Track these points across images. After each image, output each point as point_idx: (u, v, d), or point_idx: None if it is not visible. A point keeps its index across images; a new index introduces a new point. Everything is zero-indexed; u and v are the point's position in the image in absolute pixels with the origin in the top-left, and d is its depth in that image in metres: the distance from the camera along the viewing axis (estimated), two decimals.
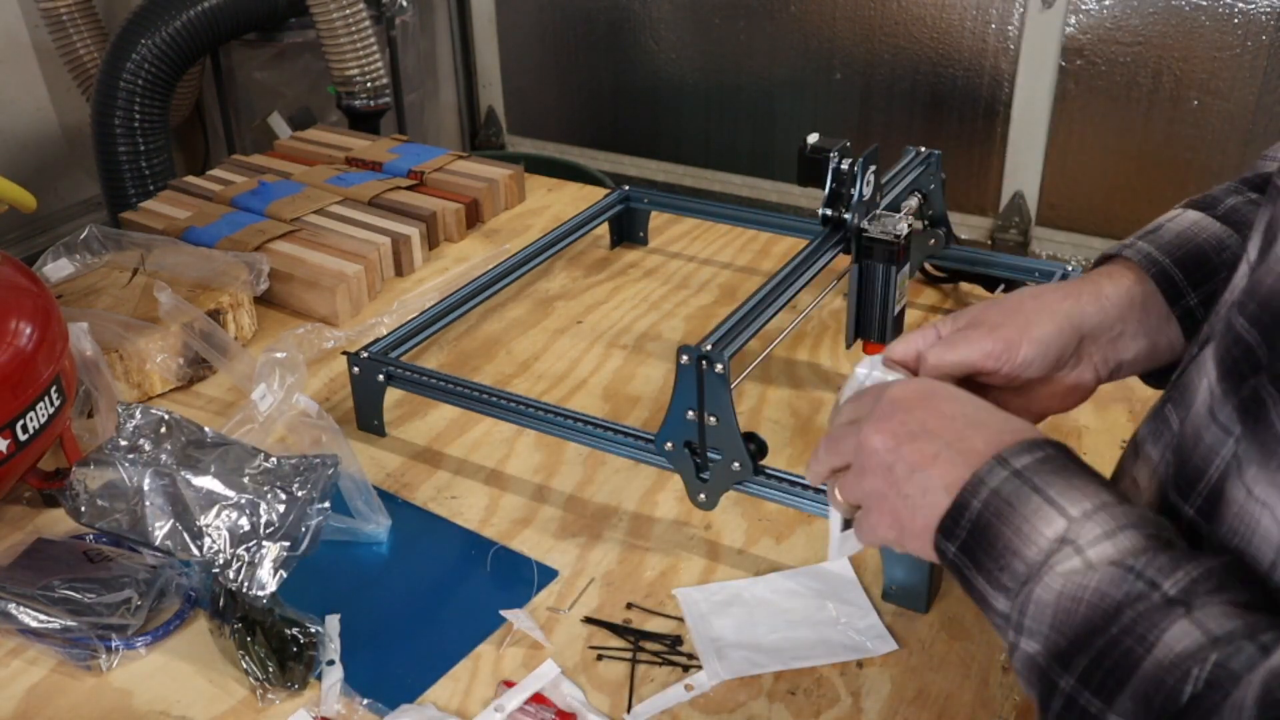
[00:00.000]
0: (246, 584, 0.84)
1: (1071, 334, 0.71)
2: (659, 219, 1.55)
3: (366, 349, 1.12)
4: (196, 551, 0.86)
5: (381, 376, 1.11)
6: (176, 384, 1.21)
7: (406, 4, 2.77)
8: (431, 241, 1.51)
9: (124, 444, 0.90)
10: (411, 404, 1.17)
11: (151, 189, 2.31)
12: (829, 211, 1.14)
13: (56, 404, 0.97)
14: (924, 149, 1.28)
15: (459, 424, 1.14)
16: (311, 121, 2.65)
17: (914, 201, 1.21)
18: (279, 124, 2.72)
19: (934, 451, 0.61)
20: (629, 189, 1.50)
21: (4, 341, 0.92)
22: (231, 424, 1.07)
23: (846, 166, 1.12)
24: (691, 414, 0.93)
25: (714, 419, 0.92)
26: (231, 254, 1.34)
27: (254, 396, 1.09)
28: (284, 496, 0.87)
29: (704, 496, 0.97)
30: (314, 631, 0.85)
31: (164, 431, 0.92)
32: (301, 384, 1.11)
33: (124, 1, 2.64)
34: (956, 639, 0.87)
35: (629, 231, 1.52)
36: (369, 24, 2.44)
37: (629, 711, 0.81)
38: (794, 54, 2.78)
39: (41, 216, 2.66)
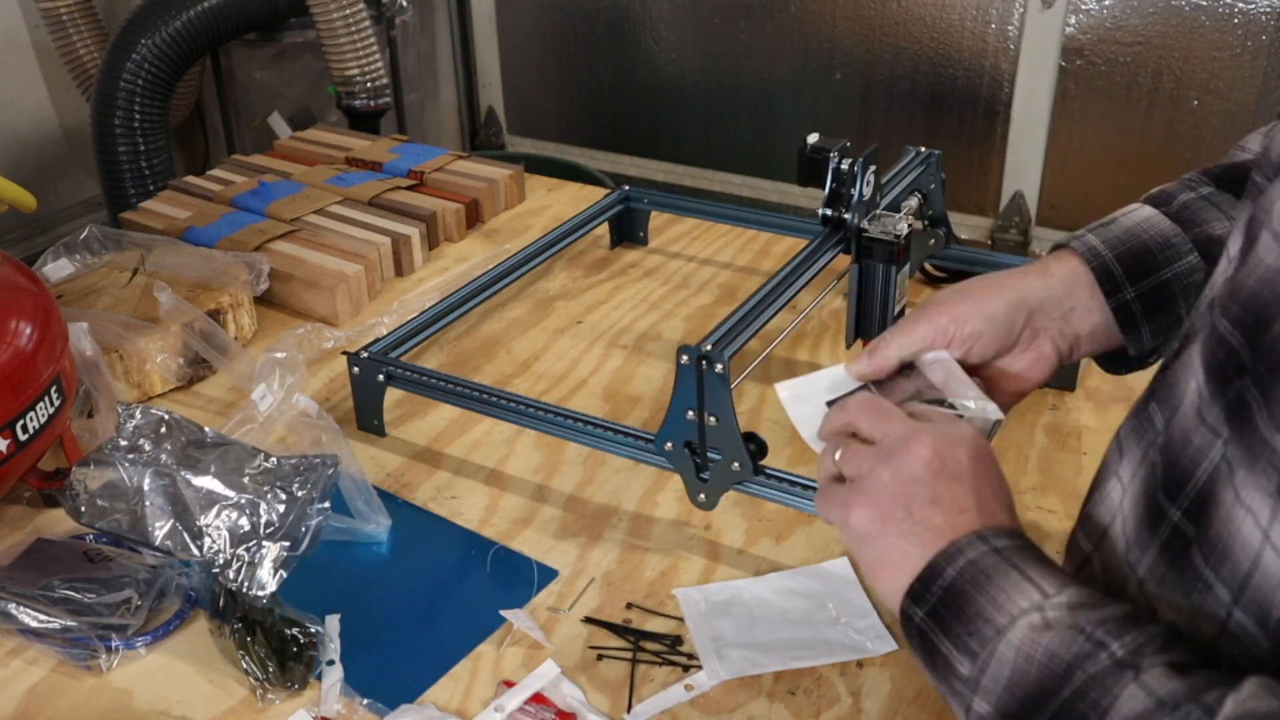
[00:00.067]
0: (246, 584, 0.84)
1: (1019, 306, 0.74)
2: (659, 219, 1.55)
3: (366, 349, 1.12)
4: (196, 551, 0.86)
5: (381, 376, 1.11)
6: (176, 384, 1.21)
7: (406, 4, 2.77)
8: (431, 241, 1.51)
9: (124, 444, 0.90)
10: (411, 404, 1.17)
11: (151, 189, 2.31)
12: (829, 211, 1.14)
13: (56, 404, 0.97)
14: (924, 149, 1.28)
15: (459, 424, 1.14)
16: (311, 121, 2.65)
17: (914, 201, 1.20)
18: (279, 124, 2.72)
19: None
20: (629, 189, 1.50)
21: (4, 341, 0.92)
22: (231, 424, 1.07)
23: (846, 166, 1.12)
24: (691, 414, 0.93)
25: (714, 419, 0.92)
26: (231, 254, 1.34)
27: (254, 396, 1.09)
28: (284, 496, 0.87)
29: (704, 496, 0.97)
30: (314, 631, 0.85)
31: (164, 431, 0.92)
32: (301, 384, 1.11)
33: (124, 1, 2.64)
34: None
35: (629, 231, 1.52)
36: (369, 24, 2.44)
37: (629, 711, 0.81)
38: (794, 54, 2.78)
39: (41, 216, 2.66)
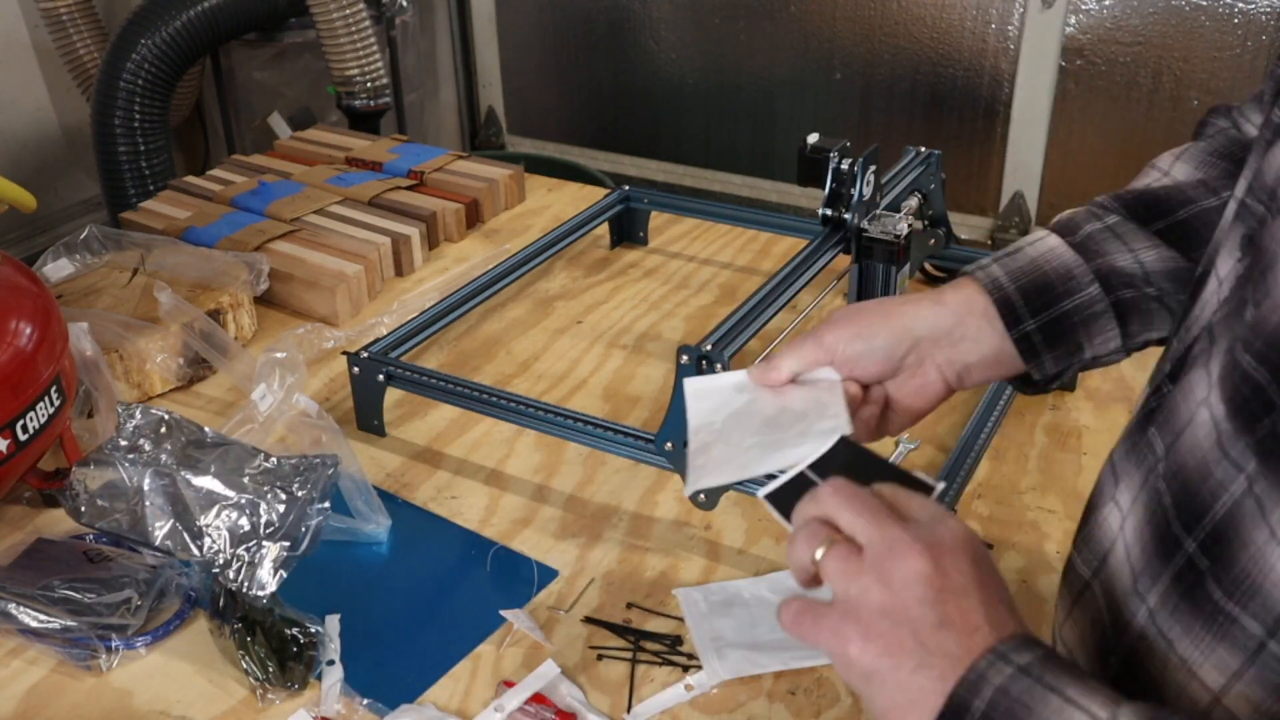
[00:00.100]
0: (246, 584, 0.84)
1: (904, 334, 0.73)
2: (659, 219, 1.55)
3: (366, 349, 1.12)
4: (196, 551, 0.86)
5: (381, 376, 1.11)
6: (176, 384, 1.21)
7: (406, 4, 2.77)
8: (431, 241, 1.51)
9: (124, 444, 0.90)
10: (411, 404, 1.17)
11: (151, 189, 2.31)
12: (829, 211, 1.14)
13: (56, 404, 0.97)
14: (924, 149, 1.28)
15: (459, 424, 1.14)
16: (311, 121, 2.65)
17: (914, 201, 1.21)
18: (279, 124, 2.72)
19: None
20: (629, 189, 1.50)
21: (4, 341, 0.92)
22: (231, 424, 1.07)
23: (846, 166, 1.12)
24: None
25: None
26: (231, 254, 1.34)
27: (254, 396, 1.09)
28: (284, 496, 0.87)
29: (704, 496, 0.97)
30: (314, 631, 0.85)
31: (164, 431, 0.92)
32: (301, 384, 1.11)
33: (124, 1, 2.64)
34: None
35: (629, 231, 1.52)
36: (369, 24, 2.44)
37: (629, 711, 0.81)
38: (794, 54, 2.78)
39: (41, 216, 2.66)
